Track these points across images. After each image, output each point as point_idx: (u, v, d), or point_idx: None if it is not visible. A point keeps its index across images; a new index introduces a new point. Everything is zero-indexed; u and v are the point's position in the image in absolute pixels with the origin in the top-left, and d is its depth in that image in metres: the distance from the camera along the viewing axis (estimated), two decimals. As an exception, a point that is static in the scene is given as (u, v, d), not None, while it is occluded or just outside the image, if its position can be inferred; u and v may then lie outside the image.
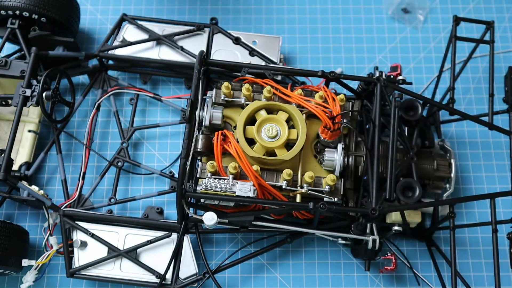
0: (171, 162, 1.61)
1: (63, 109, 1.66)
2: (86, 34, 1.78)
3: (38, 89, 1.41)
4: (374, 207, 1.25)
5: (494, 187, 1.59)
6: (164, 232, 1.43)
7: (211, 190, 1.25)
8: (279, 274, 1.50)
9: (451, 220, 1.33)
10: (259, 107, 1.34)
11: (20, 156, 1.53)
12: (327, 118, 1.30)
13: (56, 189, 1.58)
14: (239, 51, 1.61)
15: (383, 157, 1.37)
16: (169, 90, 1.70)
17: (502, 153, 1.63)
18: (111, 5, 1.82)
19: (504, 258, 1.41)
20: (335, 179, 1.28)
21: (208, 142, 1.33)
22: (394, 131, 1.32)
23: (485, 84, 1.70)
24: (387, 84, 1.36)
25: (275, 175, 1.32)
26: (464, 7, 1.82)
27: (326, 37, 1.78)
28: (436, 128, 1.59)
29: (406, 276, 1.50)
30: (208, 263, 1.45)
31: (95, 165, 1.60)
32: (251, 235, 1.53)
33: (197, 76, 1.34)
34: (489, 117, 1.47)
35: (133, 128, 1.62)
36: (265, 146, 1.30)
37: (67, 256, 1.40)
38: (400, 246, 1.52)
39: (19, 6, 1.51)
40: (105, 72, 1.67)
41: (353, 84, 1.47)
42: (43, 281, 1.48)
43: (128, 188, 1.59)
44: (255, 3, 1.83)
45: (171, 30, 1.64)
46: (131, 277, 1.40)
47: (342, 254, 1.52)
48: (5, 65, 1.46)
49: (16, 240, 1.39)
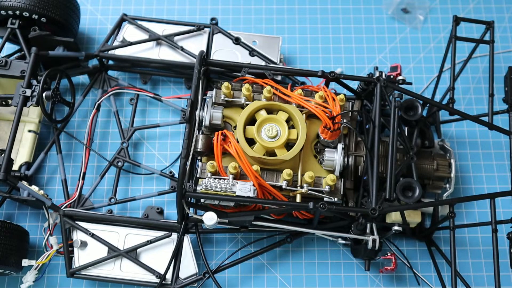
0: (171, 162, 1.61)
1: (63, 109, 1.66)
2: (86, 34, 1.78)
3: (38, 89, 1.41)
4: (374, 207, 1.26)
5: (494, 187, 1.59)
6: (164, 232, 1.43)
7: (211, 190, 1.25)
8: (279, 274, 1.50)
9: (451, 220, 1.33)
10: (259, 107, 1.34)
11: (20, 156, 1.53)
12: (327, 118, 1.30)
13: (56, 189, 1.58)
14: (239, 51, 1.61)
15: (383, 157, 1.37)
16: (169, 90, 1.70)
17: (502, 153, 1.63)
18: (111, 5, 1.82)
19: (504, 258, 1.41)
20: (335, 179, 1.28)
21: (208, 142, 1.33)
22: (394, 131, 1.32)
23: (485, 84, 1.70)
24: (387, 84, 1.36)
25: (275, 175, 1.32)
26: (464, 7, 1.82)
27: (326, 37, 1.78)
28: (436, 128, 1.59)
29: (406, 276, 1.50)
30: (208, 263, 1.45)
31: (95, 165, 1.60)
32: (251, 235, 1.53)
33: (197, 76, 1.34)
34: (489, 117, 1.47)
35: (133, 128, 1.62)
36: (265, 146, 1.30)
37: (67, 256, 1.40)
38: (400, 246, 1.52)
39: (19, 6, 1.51)
40: (105, 72, 1.68)
41: (353, 84, 1.47)
42: (43, 281, 1.48)
43: (128, 188, 1.59)
44: (255, 3, 1.83)
45: (171, 30, 1.64)
46: (131, 277, 1.40)
47: (342, 254, 1.52)
48: (5, 65, 1.46)
49: (16, 240, 1.39)
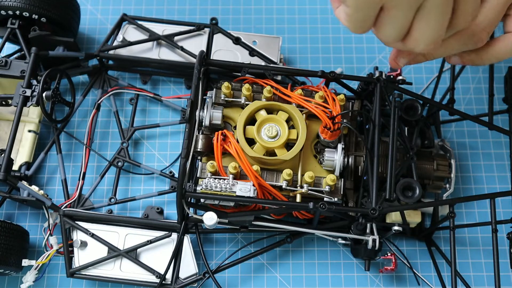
0: (171, 162, 1.61)
1: (63, 109, 1.66)
2: (86, 34, 1.78)
3: (38, 89, 1.41)
4: (374, 207, 1.26)
5: (494, 187, 1.59)
6: (164, 232, 1.43)
7: (211, 190, 1.25)
8: (279, 274, 1.50)
9: (451, 220, 1.33)
10: (259, 107, 1.34)
11: (20, 156, 1.53)
12: (327, 118, 1.30)
13: (56, 189, 1.58)
14: (239, 51, 1.61)
15: (383, 157, 1.37)
16: (169, 90, 1.70)
17: (502, 153, 1.63)
18: (111, 5, 1.82)
19: (504, 258, 1.41)
20: (335, 179, 1.28)
21: (208, 142, 1.33)
22: (394, 131, 1.32)
23: (485, 84, 1.70)
24: (387, 84, 1.36)
25: (275, 175, 1.32)
26: (464, 7, 1.82)
27: (326, 37, 1.78)
28: (436, 128, 1.59)
29: (406, 276, 1.50)
30: (208, 263, 1.45)
31: (95, 165, 1.60)
32: (251, 235, 1.53)
33: (197, 76, 1.34)
34: (489, 117, 1.47)
35: (133, 128, 1.62)
36: (265, 146, 1.30)
37: (67, 256, 1.40)
38: (400, 246, 1.52)
39: (19, 6, 1.51)
40: (105, 72, 1.68)
41: (353, 84, 1.47)
42: (43, 281, 1.48)
43: (128, 188, 1.59)
44: (255, 3, 1.83)
45: (171, 30, 1.64)
46: (131, 277, 1.40)
47: (342, 254, 1.52)
48: (5, 65, 1.46)
49: (16, 240, 1.39)
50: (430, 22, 0.95)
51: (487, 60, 1.12)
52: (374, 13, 0.95)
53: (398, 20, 0.95)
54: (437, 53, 1.12)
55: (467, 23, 1.00)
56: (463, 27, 1.01)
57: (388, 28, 0.97)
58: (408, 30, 0.98)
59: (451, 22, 0.98)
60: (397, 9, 0.92)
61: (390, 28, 0.97)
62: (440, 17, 0.94)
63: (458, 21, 0.98)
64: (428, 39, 0.98)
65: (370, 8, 0.93)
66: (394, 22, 0.95)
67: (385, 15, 0.95)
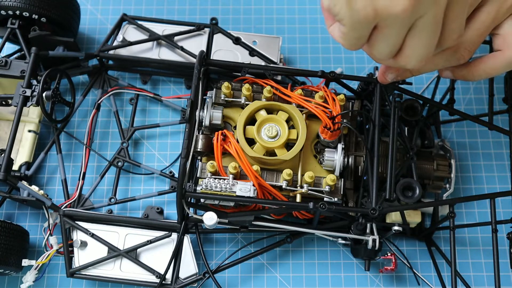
0: (171, 162, 1.61)
1: (63, 109, 1.66)
2: (86, 34, 1.78)
3: (38, 89, 1.41)
4: (374, 207, 1.26)
5: (494, 187, 1.59)
6: (164, 232, 1.43)
7: (211, 190, 1.25)
8: (279, 274, 1.50)
9: (451, 220, 1.33)
10: (259, 107, 1.34)
11: (20, 156, 1.53)
12: (327, 118, 1.30)
13: (56, 189, 1.58)
14: (239, 51, 1.61)
15: (383, 157, 1.37)
16: (169, 90, 1.70)
17: (502, 153, 1.63)
18: (111, 5, 1.82)
19: (504, 258, 1.41)
20: (335, 179, 1.28)
21: (208, 142, 1.33)
22: (394, 131, 1.32)
23: (485, 84, 1.70)
24: (387, 84, 1.36)
25: (275, 175, 1.32)
26: (464, 7, 1.82)
27: (326, 37, 1.78)
28: (436, 128, 1.59)
29: (406, 276, 1.50)
30: (208, 263, 1.45)
31: (95, 165, 1.61)
32: (251, 235, 1.53)
33: (197, 76, 1.34)
34: (489, 117, 1.47)
35: (133, 128, 1.62)
36: (265, 146, 1.30)
37: (67, 256, 1.40)
38: (400, 246, 1.52)
39: (19, 6, 1.51)
40: (105, 72, 1.68)
41: (353, 84, 1.47)
42: (43, 281, 1.48)
43: (128, 188, 1.59)
44: (255, 3, 1.83)
45: (171, 30, 1.64)
46: (131, 277, 1.40)
47: (342, 254, 1.52)
48: (5, 65, 1.46)
49: (16, 240, 1.39)
50: (422, 40, 0.99)
51: (478, 76, 1.18)
52: (368, 32, 0.98)
53: (391, 38, 0.98)
54: (423, 69, 1.18)
55: (454, 42, 1.05)
56: (450, 45, 1.06)
57: (381, 46, 1.01)
58: (400, 48, 1.02)
59: (439, 41, 1.02)
60: (390, 27, 0.96)
61: (383, 45, 1.01)
62: (431, 35, 0.99)
63: (445, 39, 1.03)
64: (419, 56, 1.02)
65: (365, 28, 0.96)
66: (387, 40, 0.99)
67: (378, 33, 0.98)
